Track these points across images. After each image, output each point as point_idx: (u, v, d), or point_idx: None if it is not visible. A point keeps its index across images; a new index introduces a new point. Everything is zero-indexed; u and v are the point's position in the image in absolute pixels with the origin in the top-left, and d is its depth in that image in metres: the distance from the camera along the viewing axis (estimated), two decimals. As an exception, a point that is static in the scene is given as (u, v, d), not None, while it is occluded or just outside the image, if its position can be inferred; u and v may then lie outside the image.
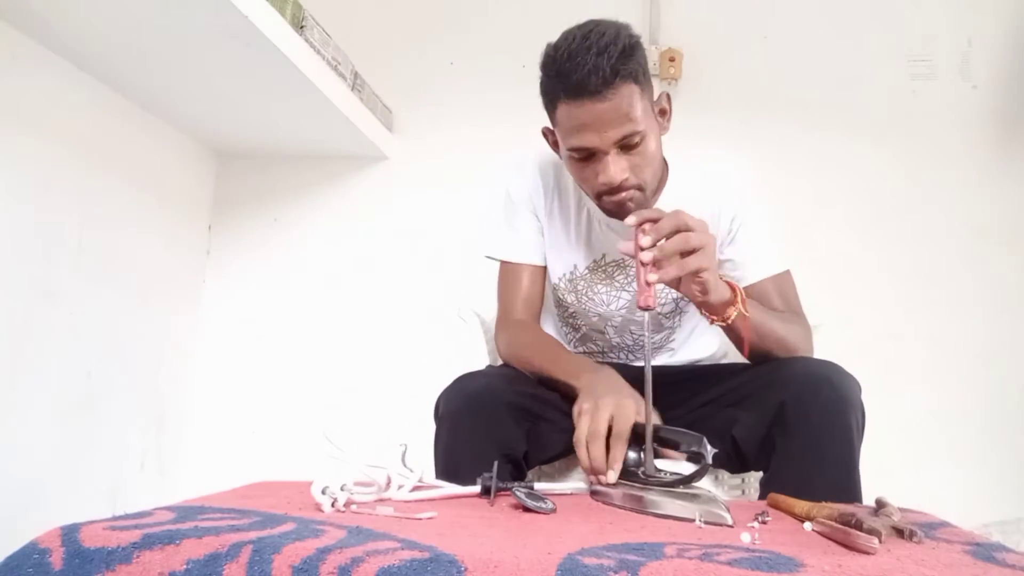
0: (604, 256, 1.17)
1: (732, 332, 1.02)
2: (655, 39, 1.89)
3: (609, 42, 0.94)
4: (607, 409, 0.88)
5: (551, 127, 1.07)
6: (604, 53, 0.93)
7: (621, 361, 1.24)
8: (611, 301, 1.19)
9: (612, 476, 0.85)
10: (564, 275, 1.19)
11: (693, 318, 1.22)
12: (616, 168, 0.98)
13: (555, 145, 1.09)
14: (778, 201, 1.13)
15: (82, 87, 1.46)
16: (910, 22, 1.87)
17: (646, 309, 0.86)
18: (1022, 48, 1.82)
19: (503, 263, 1.22)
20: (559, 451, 1.07)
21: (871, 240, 1.82)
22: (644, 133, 0.98)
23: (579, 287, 1.19)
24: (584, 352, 1.26)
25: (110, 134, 1.55)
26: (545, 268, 1.21)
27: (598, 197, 1.05)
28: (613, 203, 1.03)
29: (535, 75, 1.12)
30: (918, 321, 1.78)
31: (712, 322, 1.00)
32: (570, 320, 1.25)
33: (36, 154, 1.36)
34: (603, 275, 1.18)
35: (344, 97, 1.62)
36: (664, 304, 1.17)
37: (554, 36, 1.16)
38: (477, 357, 1.28)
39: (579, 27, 0.99)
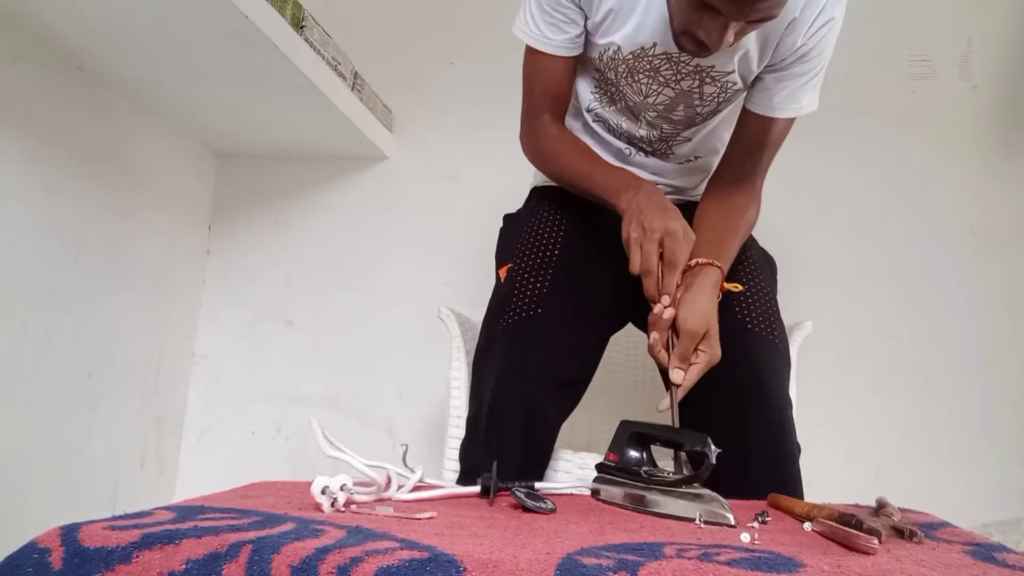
0: (655, 45, 1.04)
1: None
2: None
3: None
4: (656, 237, 0.92)
5: None
6: None
7: (645, 157, 1.20)
8: (650, 94, 1.10)
9: (666, 299, 0.91)
10: (603, 52, 1.08)
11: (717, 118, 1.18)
12: (729, 39, 0.91)
13: None
14: (777, 201, 1.12)
15: (82, 87, 1.46)
16: (910, 22, 1.87)
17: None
18: (1022, 48, 1.82)
19: (528, 50, 1.12)
20: None
21: (871, 240, 1.82)
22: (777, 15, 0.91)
23: (620, 69, 1.09)
24: (601, 128, 1.19)
25: (110, 134, 1.55)
26: (573, 61, 1.11)
27: (681, 34, 0.97)
28: (691, 50, 0.98)
29: None
30: (918, 321, 1.78)
31: None
32: (607, 90, 1.14)
33: (36, 154, 1.36)
34: (647, 65, 1.07)
35: (344, 97, 1.62)
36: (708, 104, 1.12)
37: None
38: (456, 358, 1.28)
39: None
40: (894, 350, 1.78)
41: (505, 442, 0.99)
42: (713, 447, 0.78)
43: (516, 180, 1.38)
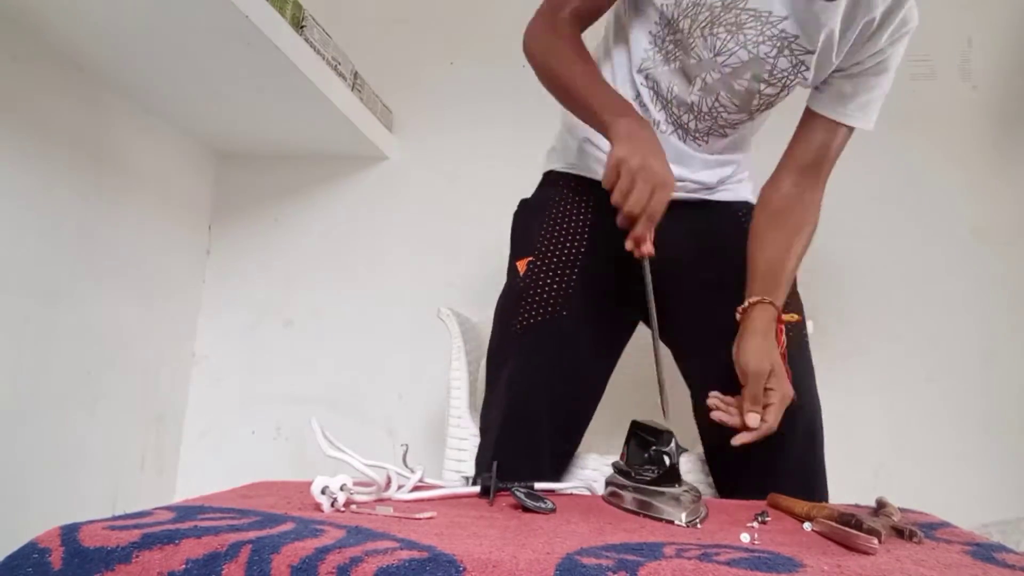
0: None
1: None
2: (655, 39, 1.88)
3: None
4: (648, 183, 0.86)
5: None
6: None
7: (679, 139, 1.13)
8: (723, 51, 1.02)
9: (648, 248, 0.88)
10: None
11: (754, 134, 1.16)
12: None
13: None
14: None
15: (82, 87, 1.46)
16: (910, 22, 1.87)
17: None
18: (1022, 48, 1.82)
19: None
20: None
21: (871, 240, 1.82)
22: None
23: (700, 16, 1.01)
24: (647, 87, 1.11)
25: (110, 134, 1.55)
26: None
27: None
28: None
29: (535, 75, 1.09)
30: (918, 321, 1.78)
31: None
32: (668, 46, 1.06)
33: (36, 154, 1.36)
34: (732, 19, 1.00)
35: (344, 97, 1.62)
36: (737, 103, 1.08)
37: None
38: (456, 358, 1.28)
39: None
40: (894, 350, 1.78)
41: (528, 453, 0.98)
42: (676, 447, 0.78)
43: (517, 179, 1.38)
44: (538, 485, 0.89)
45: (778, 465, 0.97)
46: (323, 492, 0.70)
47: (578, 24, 1.06)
